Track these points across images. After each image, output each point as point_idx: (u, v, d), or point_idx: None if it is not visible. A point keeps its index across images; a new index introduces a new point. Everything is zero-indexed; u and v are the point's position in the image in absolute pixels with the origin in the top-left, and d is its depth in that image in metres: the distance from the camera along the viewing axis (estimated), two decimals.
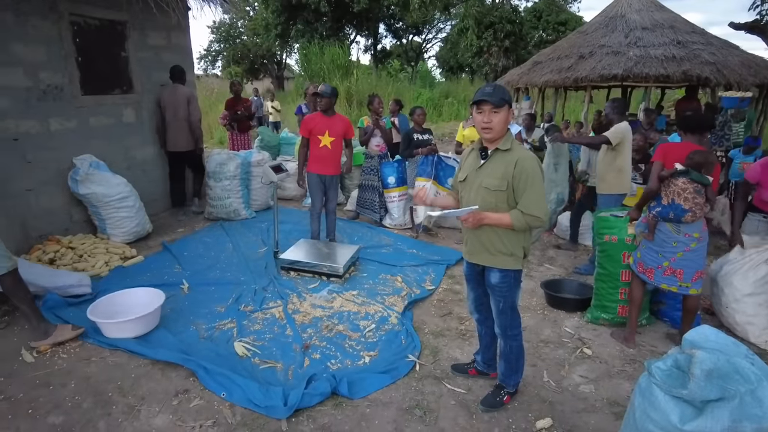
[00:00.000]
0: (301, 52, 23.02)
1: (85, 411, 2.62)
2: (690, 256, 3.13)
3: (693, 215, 3.05)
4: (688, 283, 3.16)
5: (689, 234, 3.10)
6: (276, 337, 3.39)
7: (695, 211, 3.05)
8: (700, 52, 8.67)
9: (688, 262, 3.14)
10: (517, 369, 2.72)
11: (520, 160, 2.35)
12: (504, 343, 2.66)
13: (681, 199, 3.06)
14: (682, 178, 3.10)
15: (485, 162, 2.45)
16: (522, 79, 10.73)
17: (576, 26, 19.74)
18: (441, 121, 18.72)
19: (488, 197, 2.41)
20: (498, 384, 2.77)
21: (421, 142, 5.47)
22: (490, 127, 2.35)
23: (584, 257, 5.04)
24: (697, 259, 3.15)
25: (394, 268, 4.61)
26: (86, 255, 4.56)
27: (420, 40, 36.37)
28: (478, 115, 2.39)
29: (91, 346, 3.22)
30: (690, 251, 3.12)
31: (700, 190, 3.07)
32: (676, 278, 3.18)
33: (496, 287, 2.54)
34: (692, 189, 3.05)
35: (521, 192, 2.35)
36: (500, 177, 2.38)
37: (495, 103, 2.31)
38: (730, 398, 1.66)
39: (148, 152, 6.08)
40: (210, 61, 35.39)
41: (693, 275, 3.15)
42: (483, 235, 2.49)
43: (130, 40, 5.63)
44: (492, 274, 2.53)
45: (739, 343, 1.88)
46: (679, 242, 3.13)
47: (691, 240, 3.10)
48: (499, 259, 2.49)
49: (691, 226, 3.10)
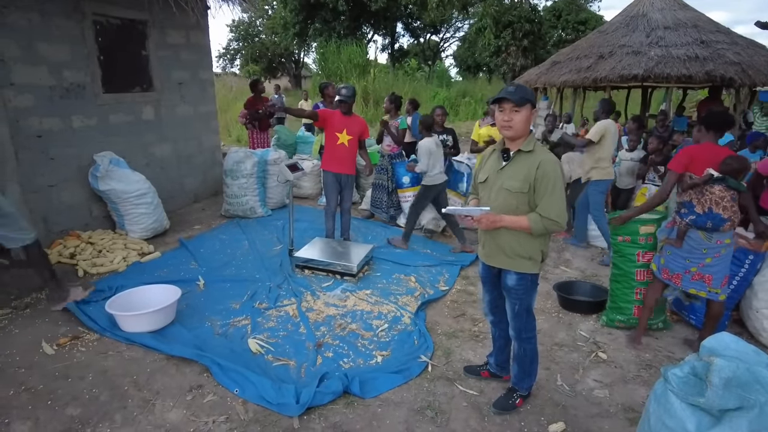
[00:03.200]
0: (319, 51, 23.12)
1: (102, 404, 2.67)
2: (718, 261, 3.04)
3: (732, 224, 2.95)
4: (718, 288, 3.07)
5: (721, 241, 3.00)
6: (289, 334, 3.41)
7: (734, 219, 2.94)
8: (724, 51, 8.48)
9: (717, 268, 3.05)
10: (530, 372, 2.69)
11: (543, 163, 2.32)
12: (518, 345, 2.64)
13: (720, 208, 2.92)
14: (719, 185, 2.97)
15: (507, 164, 2.42)
16: (540, 78, 10.63)
17: (596, 26, 19.48)
18: (458, 120, 18.64)
19: (510, 199, 2.38)
20: (511, 387, 2.75)
21: None
22: (510, 126, 2.33)
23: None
24: (725, 264, 3.07)
25: (408, 267, 4.61)
26: (105, 250, 4.64)
27: (437, 39, 36.26)
28: (499, 114, 2.37)
29: (109, 341, 3.28)
30: (719, 257, 3.03)
31: (736, 197, 2.98)
32: (705, 283, 3.09)
33: (512, 290, 2.51)
34: (729, 197, 2.94)
35: (541, 195, 2.32)
36: (522, 179, 2.34)
37: (516, 101, 2.28)
38: (750, 408, 1.62)
39: (166, 150, 6.17)
40: (229, 60, 35.79)
41: (722, 280, 3.07)
42: (500, 238, 2.45)
43: (150, 39, 5.72)
44: (509, 276, 2.50)
45: (760, 351, 1.84)
46: (709, 249, 3.02)
47: (721, 246, 3.01)
48: (517, 263, 2.45)
49: (725, 234, 2.99)
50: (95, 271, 4.30)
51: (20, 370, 2.95)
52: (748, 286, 3.46)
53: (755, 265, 3.39)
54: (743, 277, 3.43)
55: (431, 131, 5.05)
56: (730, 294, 3.46)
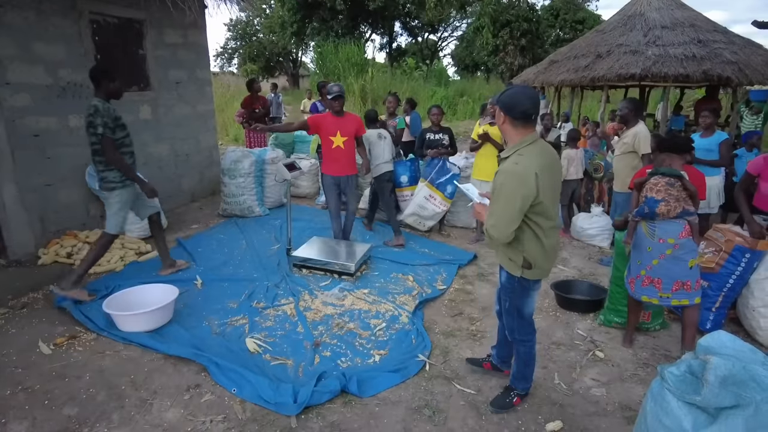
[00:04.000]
0: (317, 50, 23.10)
1: (99, 403, 2.67)
2: (666, 264, 3.02)
3: (667, 204, 2.98)
4: (668, 293, 3.05)
5: (663, 239, 3.00)
6: (287, 334, 3.41)
7: (668, 200, 2.99)
8: (721, 51, 8.49)
9: (664, 271, 3.03)
10: (524, 375, 2.69)
11: (499, 173, 2.34)
12: (516, 345, 2.65)
13: (653, 192, 3.04)
14: (652, 178, 3.13)
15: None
16: (538, 78, 10.64)
17: (594, 25, 19.50)
18: (455, 119, 18.65)
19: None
20: (508, 385, 2.76)
21: (432, 142, 5.43)
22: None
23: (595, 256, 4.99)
24: (676, 268, 3.01)
25: (406, 267, 4.61)
26: None
27: (435, 38, 36.23)
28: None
29: (106, 340, 3.27)
30: (665, 259, 3.01)
31: (672, 182, 3.03)
32: (655, 288, 3.08)
33: (503, 286, 2.59)
34: (663, 183, 3.05)
35: (491, 203, 2.35)
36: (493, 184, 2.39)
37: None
38: (745, 406, 1.62)
39: (163, 149, 6.16)
40: (226, 59, 35.72)
41: (672, 285, 3.03)
42: None
43: (147, 38, 5.71)
44: (502, 271, 2.57)
45: (756, 349, 1.84)
46: (653, 248, 3.04)
47: (665, 246, 3.00)
48: (504, 261, 2.51)
49: (667, 230, 2.99)
50: (92, 270, 4.27)
51: (17, 369, 2.94)
52: (744, 284, 3.47)
53: (752, 263, 3.39)
54: (740, 276, 3.43)
55: (374, 123, 5.44)
56: (726, 292, 3.47)
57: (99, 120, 3.56)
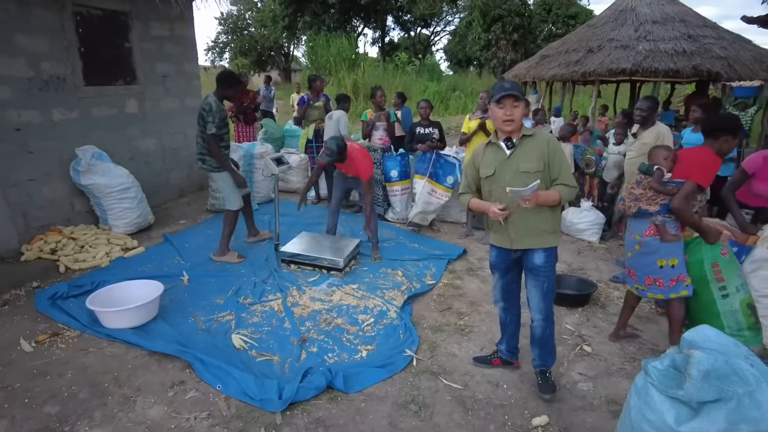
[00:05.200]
0: (308, 44, 22.95)
1: (81, 401, 2.63)
2: (636, 258, 3.07)
3: (623, 203, 3.08)
4: (642, 285, 3.09)
5: (633, 234, 3.05)
6: (274, 329, 3.38)
7: (625, 198, 3.06)
8: (711, 46, 8.52)
9: (636, 264, 3.08)
10: (554, 348, 2.80)
11: (551, 140, 2.55)
12: (544, 328, 2.69)
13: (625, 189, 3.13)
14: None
15: (514, 150, 2.54)
16: (530, 72, 10.64)
17: (586, 20, 19.49)
18: (448, 114, 18.62)
19: (529, 180, 2.45)
20: (542, 370, 2.78)
21: (423, 136, 5.40)
22: (512, 119, 2.49)
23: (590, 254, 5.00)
24: (644, 264, 3.03)
25: (395, 262, 4.59)
26: (87, 246, 4.57)
27: (428, 32, 36.15)
28: (499, 110, 2.50)
29: (89, 337, 3.22)
30: (635, 254, 3.06)
31: (640, 180, 3.04)
32: (632, 279, 3.14)
33: (541, 268, 2.59)
34: (634, 181, 3.09)
35: (558, 168, 2.52)
36: (537, 159, 2.50)
37: (517, 97, 2.46)
38: (727, 400, 1.62)
39: (151, 143, 6.08)
40: (217, 53, 35.38)
41: (644, 279, 3.06)
42: (531, 219, 2.54)
43: (133, 30, 5.61)
44: (536, 256, 2.59)
45: (740, 343, 1.84)
46: (627, 242, 3.13)
47: (634, 242, 3.04)
48: (545, 239, 2.57)
49: (636, 226, 3.03)
50: (77, 266, 4.23)
51: None
52: None
53: (739, 257, 3.40)
54: None
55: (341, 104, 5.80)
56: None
57: (210, 118, 4.11)
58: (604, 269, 4.59)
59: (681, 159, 3.01)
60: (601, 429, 2.50)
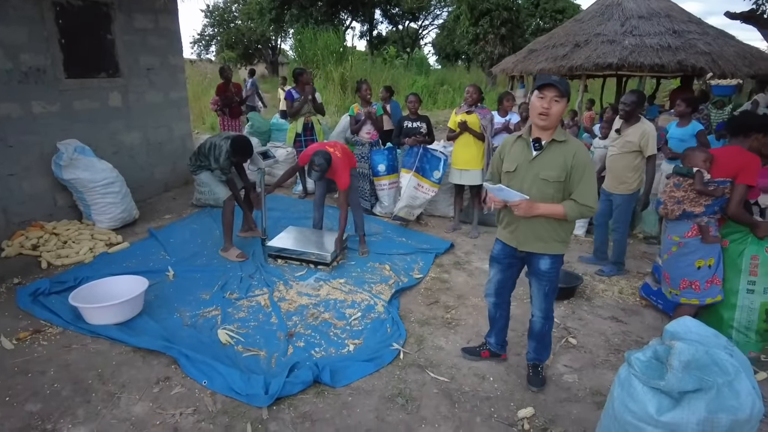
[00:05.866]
0: (296, 38, 22.74)
1: (63, 399, 2.59)
2: (672, 261, 3.06)
3: (664, 207, 3.05)
4: (676, 290, 3.07)
5: (671, 236, 3.06)
6: (260, 324, 3.37)
7: (666, 202, 3.03)
8: (695, 41, 8.61)
9: (671, 267, 3.08)
10: (550, 344, 2.84)
11: (579, 152, 2.38)
12: (543, 324, 2.71)
13: (660, 192, 3.11)
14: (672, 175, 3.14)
15: (540, 153, 2.43)
16: (517, 66, 10.65)
17: (573, 14, 19.55)
18: (436, 108, 18.59)
19: (546, 189, 2.41)
20: (534, 363, 2.83)
21: (410, 130, 5.39)
22: (547, 114, 2.33)
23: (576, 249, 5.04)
24: (681, 266, 3.02)
25: (383, 256, 4.59)
26: (70, 241, 4.50)
27: (416, 26, 36.04)
28: (538, 100, 2.35)
29: (72, 334, 3.18)
30: (672, 256, 3.05)
31: (679, 183, 3.02)
32: (666, 282, 3.14)
33: (545, 273, 2.58)
34: (672, 183, 3.06)
35: (577, 183, 2.39)
36: (560, 168, 2.38)
37: (561, 91, 2.30)
38: (707, 389, 1.64)
39: (135, 137, 5.99)
40: (204, 46, 34.98)
41: (679, 283, 3.04)
42: (538, 225, 2.49)
43: (115, 22, 5.51)
44: (542, 261, 2.56)
45: (720, 334, 1.87)
46: (665, 243, 3.11)
47: (672, 243, 3.05)
48: (552, 246, 2.53)
49: (675, 228, 3.04)
50: (60, 262, 4.17)
51: None
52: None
53: None
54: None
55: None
56: None
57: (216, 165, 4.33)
58: (594, 264, 4.63)
59: (718, 160, 2.97)
60: (586, 420, 2.53)
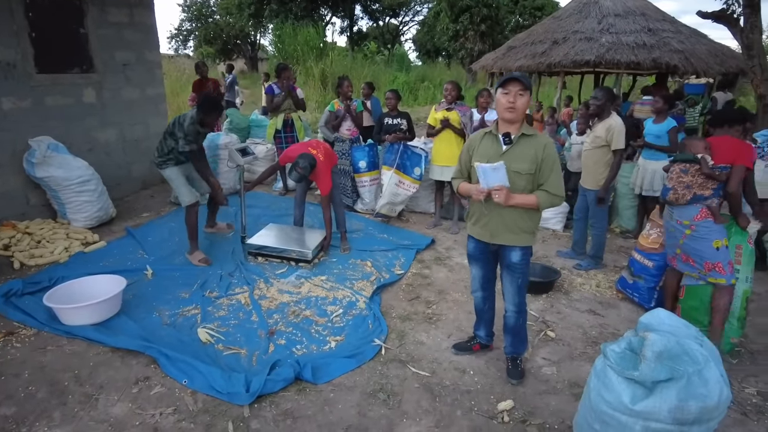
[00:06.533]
0: (275, 33, 22.53)
1: (39, 401, 2.54)
2: (690, 243, 3.09)
3: (675, 193, 3.10)
4: (703, 270, 3.09)
5: (680, 221, 3.11)
6: (241, 323, 3.34)
7: (676, 188, 3.09)
8: (669, 40, 8.80)
9: (691, 250, 3.10)
10: (526, 337, 2.90)
11: (548, 145, 2.50)
12: (516, 318, 2.76)
13: (667, 180, 3.17)
14: (672, 165, 3.21)
15: (510, 147, 2.51)
16: (497, 63, 10.75)
17: (552, 11, 19.78)
18: (416, 105, 18.64)
19: (518, 181, 2.48)
20: (513, 357, 2.88)
21: (390, 127, 5.39)
22: (514, 107, 2.43)
23: (552, 244, 5.12)
24: (701, 248, 3.05)
25: (364, 252, 4.59)
26: (45, 241, 4.40)
27: (397, 22, 36.01)
28: (503, 96, 2.45)
29: (47, 335, 3.12)
30: (687, 239, 3.09)
31: (686, 169, 3.09)
32: (691, 264, 3.14)
33: (517, 265, 2.64)
34: (678, 169, 3.13)
35: (547, 174, 2.49)
36: (531, 161, 2.47)
37: (524, 84, 2.41)
38: (678, 378, 1.70)
39: (111, 134, 5.88)
40: (181, 41, 34.42)
41: (703, 264, 3.07)
42: (508, 216, 2.56)
43: (88, 16, 5.39)
44: (513, 253, 2.62)
45: (690, 325, 1.93)
46: (675, 229, 3.16)
47: (683, 227, 3.10)
48: (522, 238, 2.60)
49: (682, 213, 3.10)
50: (33, 262, 4.07)
51: None
52: None
53: None
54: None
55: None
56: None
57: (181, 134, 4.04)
58: (571, 258, 4.71)
59: (715, 148, 3.09)
60: (564, 411, 2.58)
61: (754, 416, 2.58)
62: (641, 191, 5.00)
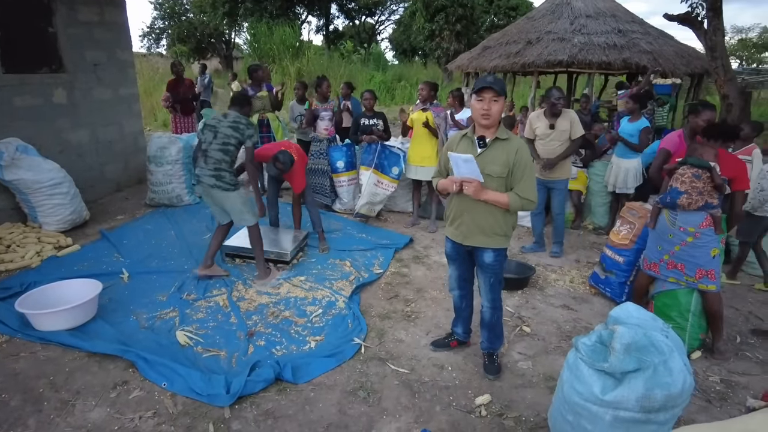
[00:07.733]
0: (250, 32, 22.30)
1: (12, 409, 2.50)
2: (688, 251, 3.08)
3: (689, 197, 3.02)
4: (692, 277, 3.11)
5: (684, 228, 3.06)
6: (220, 325, 3.34)
7: (690, 193, 3.01)
8: (638, 41, 9.04)
9: (687, 257, 3.10)
10: (502, 332, 2.97)
11: (520, 149, 2.54)
12: (492, 314, 2.84)
13: (678, 183, 3.07)
14: (682, 166, 3.13)
15: (485, 150, 2.57)
16: (472, 63, 10.86)
17: (526, 11, 20.06)
18: (393, 104, 18.70)
19: (490, 183, 2.53)
20: (489, 352, 2.95)
21: (366, 127, 5.42)
22: (489, 114, 2.48)
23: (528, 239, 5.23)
24: (699, 255, 3.08)
25: (343, 252, 4.61)
26: (14, 245, 4.30)
27: (373, 21, 35.99)
28: (477, 103, 2.50)
29: (21, 342, 3.06)
30: (687, 246, 3.07)
31: (698, 174, 3.03)
32: (680, 271, 3.15)
33: (490, 266, 2.71)
34: (690, 174, 3.05)
35: (519, 178, 2.54)
36: (503, 164, 2.53)
37: (497, 91, 2.44)
38: (645, 368, 1.78)
39: (83, 135, 5.76)
40: (154, 39, 33.62)
41: (695, 271, 3.10)
42: (480, 218, 2.62)
43: (57, 14, 5.27)
44: (486, 254, 2.69)
45: (657, 317, 2.02)
46: (675, 235, 3.11)
47: (686, 234, 3.06)
48: (494, 240, 2.65)
49: (687, 219, 3.05)
50: (3, 268, 3.97)
51: None
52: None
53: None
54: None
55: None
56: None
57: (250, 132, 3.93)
58: (542, 254, 4.82)
59: (721, 158, 3.08)
60: (539, 404, 2.65)
61: (717, 403, 2.70)
62: (614, 189, 5.15)
